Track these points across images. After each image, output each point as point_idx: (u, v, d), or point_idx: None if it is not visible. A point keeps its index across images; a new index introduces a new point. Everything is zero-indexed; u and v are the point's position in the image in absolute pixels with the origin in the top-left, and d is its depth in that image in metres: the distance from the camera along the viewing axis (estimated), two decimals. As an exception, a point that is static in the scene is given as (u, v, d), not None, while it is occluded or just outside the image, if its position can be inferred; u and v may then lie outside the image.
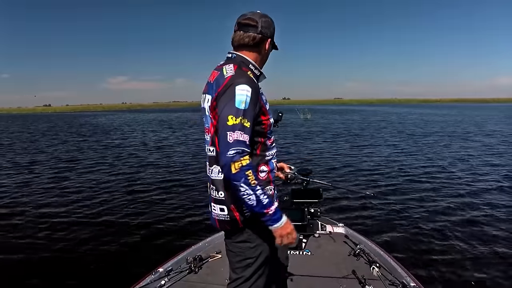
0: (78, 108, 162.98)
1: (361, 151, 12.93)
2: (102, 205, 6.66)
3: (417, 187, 7.60)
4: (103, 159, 12.38)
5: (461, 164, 10.10)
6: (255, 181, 1.44)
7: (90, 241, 4.92)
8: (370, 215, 5.75)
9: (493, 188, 7.45)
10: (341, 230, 3.56)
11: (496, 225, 5.25)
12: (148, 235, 5.12)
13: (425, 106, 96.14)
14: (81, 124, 36.81)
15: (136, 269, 3.31)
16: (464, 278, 3.81)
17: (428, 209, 6.00)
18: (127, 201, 6.88)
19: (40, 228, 5.48)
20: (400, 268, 2.73)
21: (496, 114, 42.37)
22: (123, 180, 8.78)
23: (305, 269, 2.84)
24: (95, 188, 8.03)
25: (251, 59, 1.69)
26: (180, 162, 11.20)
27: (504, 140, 15.80)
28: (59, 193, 7.70)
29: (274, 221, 1.52)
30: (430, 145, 14.15)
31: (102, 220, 5.81)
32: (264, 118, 1.62)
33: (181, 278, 2.72)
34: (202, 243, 3.28)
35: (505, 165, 9.95)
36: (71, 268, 4.17)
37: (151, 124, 33.49)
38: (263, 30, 1.67)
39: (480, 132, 19.83)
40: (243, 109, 1.47)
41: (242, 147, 1.43)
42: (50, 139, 20.48)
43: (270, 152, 1.71)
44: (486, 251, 4.40)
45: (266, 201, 1.48)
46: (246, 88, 1.50)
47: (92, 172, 9.97)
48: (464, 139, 16.17)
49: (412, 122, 29.52)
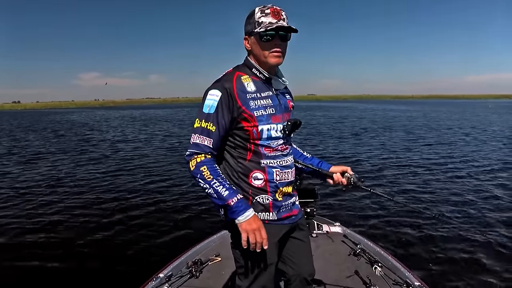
0: (49, 105, 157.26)
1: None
2: (95, 209, 6.39)
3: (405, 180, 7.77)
4: (94, 159, 11.86)
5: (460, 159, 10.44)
6: (210, 176, 1.51)
7: (85, 247, 4.77)
8: (365, 213, 5.79)
9: (492, 182, 7.76)
10: (338, 229, 3.57)
11: (496, 222, 5.34)
12: (143, 239, 4.99)
13: (396, 102, 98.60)
14: (71, 122, 35.34)
15: (134, 275, 3.24)
16: (466, 276, 3.85)
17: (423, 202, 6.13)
18: (120, 205, 6.63)
19: (30, 235, 5.23)
20: (402, 267, 2.76)
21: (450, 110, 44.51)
22: (113, 183, 8.43)
23: None
24: (85, 191, 7.69)
25: (254, 62, 1.65)
26: (176, 163, 10.87)
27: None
28: (53, 197, 7.33)
29: (237, 213, 1.49)
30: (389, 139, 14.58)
31: (94, 225, 5.60)
32: (246, 124, 1.57)
33: (182, 283, 2.66)
34: (199, 246, 3.21)
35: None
36: (67, 276, 4.02)
37: (136, 121, 32.81)
38: (244, 30, 1.65)
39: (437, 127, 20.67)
40: (206, 113, 1.55)
41: (195, 149, 1.55)
42: (43, 136, 19.70)
43: (270, 161, 1.63)
44: (487, 248, 4.48)
45: (226, 193, 1.50)
46: (215, 93, 1.55)
47: (84, 174, 9.57)
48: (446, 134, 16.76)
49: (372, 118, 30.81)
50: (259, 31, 1.54)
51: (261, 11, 1.56)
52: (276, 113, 1.63)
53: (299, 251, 1.82)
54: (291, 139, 1.76)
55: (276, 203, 1.67)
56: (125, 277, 3.68)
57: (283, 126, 1.65)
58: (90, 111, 68.98)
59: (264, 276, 1.66)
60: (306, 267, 1.83)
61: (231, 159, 1.65)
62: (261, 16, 1.55)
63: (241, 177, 1.63)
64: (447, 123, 23.93)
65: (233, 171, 1.64)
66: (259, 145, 1.61)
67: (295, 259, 1.80)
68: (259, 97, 1.60)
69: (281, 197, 1.68)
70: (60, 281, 3.90)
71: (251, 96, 1.59)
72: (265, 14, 1.55)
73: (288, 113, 1.73)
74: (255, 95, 1.60)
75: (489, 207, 6.06)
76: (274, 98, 1.66)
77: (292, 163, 1.76)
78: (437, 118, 29.28)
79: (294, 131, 1.70)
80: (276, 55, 1.59)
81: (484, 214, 5.72)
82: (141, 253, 4.51)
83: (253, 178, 1.62)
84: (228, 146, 1.64)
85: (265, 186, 1.64)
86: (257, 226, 1.50)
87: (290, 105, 1.77)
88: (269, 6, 1.56)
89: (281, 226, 1.70)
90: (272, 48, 1.58)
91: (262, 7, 1.57)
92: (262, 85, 1.65)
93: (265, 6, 1.57)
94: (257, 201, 1.63)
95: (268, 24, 1.53)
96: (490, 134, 17.40)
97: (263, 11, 1.55)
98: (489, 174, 8.61)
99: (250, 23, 1.59)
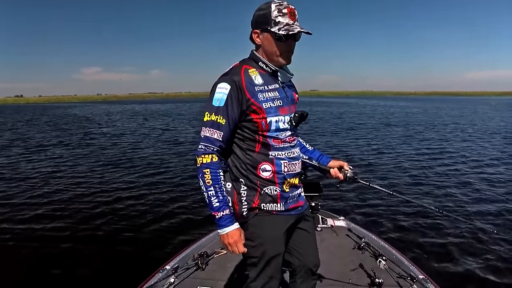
0: (52, 99, 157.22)
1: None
2: (102, 203, 6.39)
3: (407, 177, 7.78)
4: (100, 154, 11.75)
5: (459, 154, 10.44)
6: (210, 181, 1.55)
7: (92, 240, 4.80)
8: (368, 207, 5.82)
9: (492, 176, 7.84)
10: (342, 223, 3.58)
11: (500, 216, 5.39)
12: (149, 231, 5.02)
13: (398, 98, 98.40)
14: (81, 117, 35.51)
15: (141, 267, 3.24)
16: (470, 269, 3.89)
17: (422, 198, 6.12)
18: (125, 197, 6.66)
19: (39, 227, 5.27)
20: (406, 260, 2.78)
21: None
22: (120, 176, 8.45)
23: None
24: (93, 185, 7.68)
25: (261, 56, 1.67)
26: (181, 157, 10.85)
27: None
28: (56, 189, 7.38)
29: (219, 226, 1.59)
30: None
31: (100, 219, 5.60)
32: (255, 116, 1.58)
33: (189, 275, 2.69)
34: (205, 238, 3.24)
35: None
36: (74, 269, 4.03)
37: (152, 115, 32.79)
38: (252, 24, 1.65)
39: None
40: (216, 106, 1.56)
41: (207, 143, 1.57)
42: (48, 132, 19.64)
43: (278, 153, 1.65)
44: (491, 241, 4.49)
45: (216, 205, 1.56)
46: (224, 86, 1.56)
47: (89, 168, 9.55)
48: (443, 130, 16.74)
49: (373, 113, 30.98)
50: (280, 33, 1.55)
51: (278, 9, 1.55)
52: (284, 105, 1.65)
53: (305, 242, 1.84)
54: (297, 130, 1.78)
55: (284, 194, 1.69)
56: (132, 269, 3.69)
57: (290, 118, 1.67)
58: (93, 105, 68.97)
59: (272, 267, 1.69)
60: (311, 258, 1.86)
61: (239, 151, 1.66)
62: (278, 15, 1.55)
63: (249, 169, 1.65)
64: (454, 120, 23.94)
65: (242, 163, 1.66)
66: (267, 137, 1.63)
67: (301, 250, 1.82)
68: (267, 89, 1.62)
69: (288, 188, 1.71)
70: (65, 275, 3.91)
71: (259, 88, 1.60)
72: (282, 14, 1.55)
73: (294, 105, 1.75)
74: (263, 87, 1.62)
75: (492, 200, 6.12)
76: (281, 91, 1.68)
77: (299, 154, 1.79)
78: (444, 115, 29.25)
79: (301, 123, 1.72)
80: (288, 56, 1.64)
81: (486, 207, 5.76)
82: (148, 246, 4.53)
83: (261, 170, 1.65)
84: (236, 138, 1.66)
85: (273, 177, 1.66)
86: (233, 241, 1.58)
87: (296, 97, 1.79)
88: (285, 5, 1.56)
89: (288, 217, 1.72)
90: (286, 48, 1.61)
91: (279, 5, 1.56)
92: (269, 78, 1.66)
93: (281, 5, 1.56)
94: (265, 192, 1.65)
95: (286, 26, 1.55)
96: (496, 130, 17.47)
97: (281, 10, 1.55)
98: (495, 168, 8.71)
99: (265, 19, 1.57)
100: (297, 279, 1.86)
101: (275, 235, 1.68)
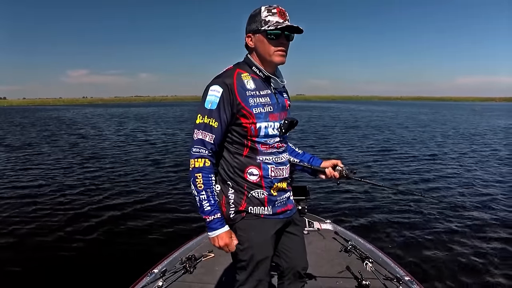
0: (36, 101, 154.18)
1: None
2: (87, 206, 6.34)
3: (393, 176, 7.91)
4: (87, 156, 11.73)
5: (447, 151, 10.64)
6: (202, 185, 1.57)
7: (79, 244, 4.75)
8: (354, 210, 5.90)
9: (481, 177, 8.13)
10: (329, 226, 3.62)
11: (488, 218, 5.52)
12: (137, 235, 5.00)
13: (381, 103, 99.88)
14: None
15: (128, 270, 3.21)
16: (455, 270, 3.98)
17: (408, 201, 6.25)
18: (113, 202, 6.59)
19: (25, 232, 5.19)
20: (392, 263, 2.82)
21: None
22: (107, 180, 8.35)
23: None
24: (79, 187, 7.61)
25: (255, 60, 1.68)
26: (168, 159, 10.85)
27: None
28: (46, 193, 7.27)
29: (209, 229, 1.62)
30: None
31: (86, 222, 5.54)
32: (245, 121, 1.60)
33: (177, 279, 2.68)
34: (193, 242, 3.24)
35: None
36: (61, 274, 3.98)
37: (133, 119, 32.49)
38: (246, 28, 1.67)
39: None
40: (209, 109, 1.58)
41: (200, 145, 1.58)
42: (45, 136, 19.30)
43: (266, 158, 1.66)
44: (477, 244, 4.61)
45: (207, 209, 1.59)
46: (216, 89, 1.58)
47: (76, 170, 9.49)
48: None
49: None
50: (268, 29, 1.57)
51: (268, 10, 1.59)
52: (274, 111, 1.66)
53: (294, 245, 1.86)
54: (287, 137, 1.80)
55: (271, 198, 1.70)
56: (120, 273, 3.66)
57: (280, 124, 1.68)
58: (78, 108, 67.91)
59: (260, 270, 1.70)
60: (299, 261, 1.87)
61: (227, 154, 1.68)
62: (268, 15, 1.58)
63: (236, 172, 1.66)
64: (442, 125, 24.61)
65: (229, 166, 1.67)
66: (256, 142, 1.64)
67: (289, 253, 1.84)
68: (258, 94, 1.63)
69: (276, 192, 1.72)
70: (54, 278, 3.87)
71: (250, 93, 1.62)
72: (272, 14, 1.58)
73: (285, 111, 1.76)
74: (255, 92, 1.63)
75: (477, 202, 6.31)
76: (273, 97, 1.69)
77: (287, 160, 1.80)
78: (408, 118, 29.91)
79: (290, 130, 1.73)
80: (281, 54, 1.63)
81: (474, 210, 5.91)
82: (136, 249, 4.51)
83: (248, 174, 1.66)
84: (226, 141, 1.67)
85: (260, 181, 1.67)
86: (224, 243, 1.62)
87: (287, 104, 1.80)
88: (275, 6, 1.60)
89: (276, 221, 1.73)
90: (278, 46, 1.61)
91: (268, 6, 1.60)
92: (261, 83, 1.67)
93: (271, 6, 1.60)
94: (252, 195, 1.67)
95: (275, 23, 1.57)
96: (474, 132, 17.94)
97: (270, 10, 1.59)
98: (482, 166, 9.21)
99: (256, 21, 1.60)
100: (285, 281, 1.88)
101: (262, 239, 1.68)
